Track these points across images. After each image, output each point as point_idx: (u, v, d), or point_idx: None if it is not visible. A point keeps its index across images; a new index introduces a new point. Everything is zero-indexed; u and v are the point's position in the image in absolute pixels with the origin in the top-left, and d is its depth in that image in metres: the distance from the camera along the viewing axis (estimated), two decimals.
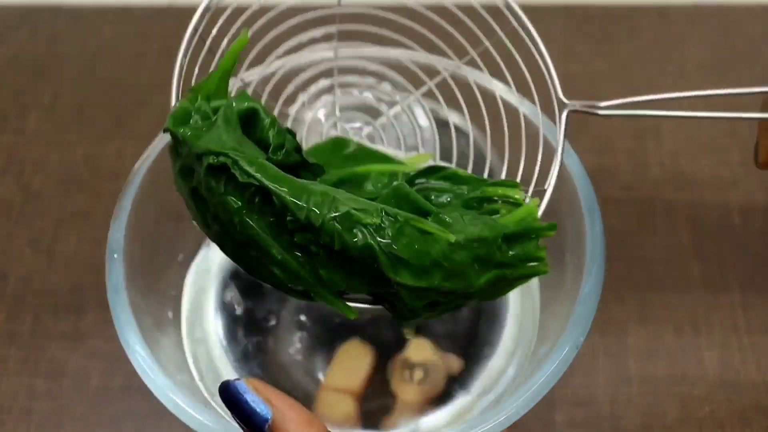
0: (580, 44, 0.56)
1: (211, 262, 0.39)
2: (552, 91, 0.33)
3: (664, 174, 0.50)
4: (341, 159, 0.32)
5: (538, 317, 0.36)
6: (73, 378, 0.43)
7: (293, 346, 0.38)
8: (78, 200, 0.49)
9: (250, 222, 0.26)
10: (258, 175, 0.26)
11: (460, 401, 0.36)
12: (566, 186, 0.34)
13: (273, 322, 0.38)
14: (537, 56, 0.32)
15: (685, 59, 0.55)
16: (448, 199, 0.30)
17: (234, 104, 0.28)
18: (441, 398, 0.37)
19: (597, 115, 0.33)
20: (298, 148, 0.30)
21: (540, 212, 0.30)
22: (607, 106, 0.33)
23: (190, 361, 0.35)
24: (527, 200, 0.30)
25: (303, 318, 0.39)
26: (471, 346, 0.38)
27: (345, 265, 0.27)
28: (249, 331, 0.38)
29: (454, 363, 0.37)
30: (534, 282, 0.37)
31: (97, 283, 0.46)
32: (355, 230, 0.26)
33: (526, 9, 0.33)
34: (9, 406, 0.43)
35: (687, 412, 0.41)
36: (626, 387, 0.42)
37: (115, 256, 0.32)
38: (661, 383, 0.42)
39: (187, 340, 0.36)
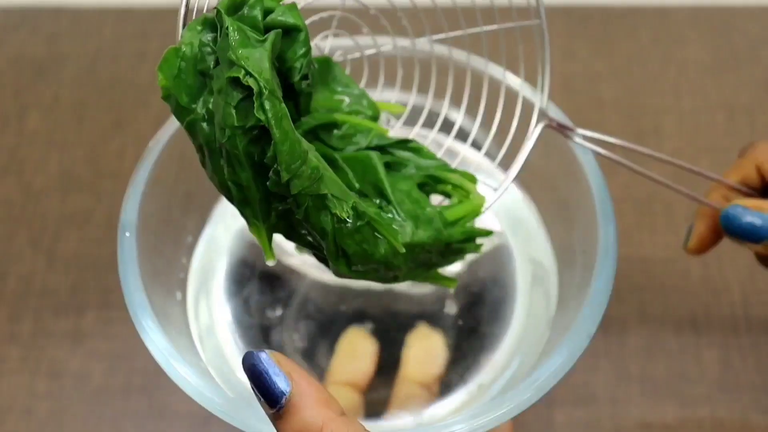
0: (580, 44, 0.55)
1: (219, 246, 0.39)
2: (539, 98, 0.32)
3: (664, 174, 0.50)
4: (323, 83, 0.32)
5: (553, 313, 0.36)
6: (73, 378, 0.43)
7: (299, 333, 0.38)
8: (78, 200, 0.49)
9: (238, 142, 0.26)
10: (272, 120, 0.25)
11: (464, 392, 0.36)
12: (580, 182, 0.34)
13: (279, 310, 0.39)
14: (539, 61, 0.32)
15: (685, 60, 0.55)
16: (408, 172, 0.31)
17: (282, 16, 0.28)
18: (445, 389, 0.37)
19: (569, 138, 0.33)
20: (312, 83, 0.30)
21: (486, 208, 0.31)
22: (583, 135, 0.32)
23: (196, 341, 0.35)
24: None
25: (310, 305, 0.39)
26: (477, 336, 0.38)
27: (295, 225, 0.28)
28: (255, 316, 0.38)
29: (459, 354, 0.38)
30: (552, 277, 0.37)
31: (97, 283, 0.46)
32: (321, 212, 0.27)
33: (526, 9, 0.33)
34: (9, 406, 0.43)
35: (687, 412, 0.41)
36: (626, 387, 0.42)
37: (128, 234, 0.32)
38: (661, 383, 0.42)
39: (194, 322, 0.36)
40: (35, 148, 0.51)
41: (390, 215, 0.29)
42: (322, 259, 0.29)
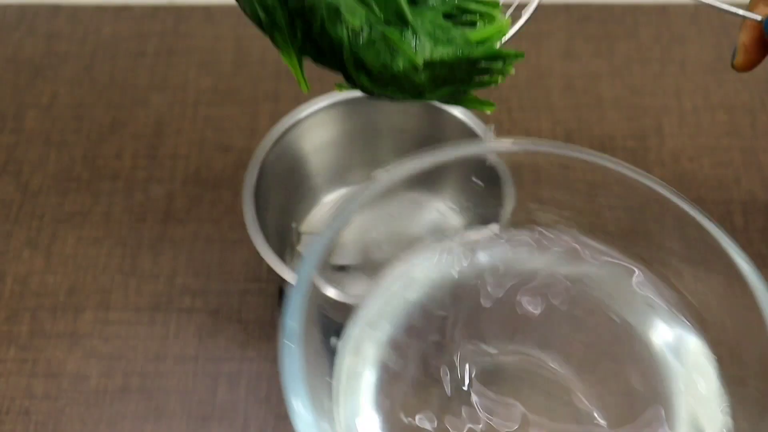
0: (580, 43, 0.55)
1: (362, 354, 0.34)
2: None
3: (665, 174, 0.49)
4: None
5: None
6: (71, 379, 0.43)
7: None
8: (77, 200, 0.49)
9: None
10: None
11: None
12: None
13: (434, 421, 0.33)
14: None
15: (686, 58, 0.55)
16: (434, 3, 0.30)
17: None
18: None
19: None
20: None
21: (510, 33, 0.30)
22: None
23: None
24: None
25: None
26: None
27: (318, 42, 0.29)
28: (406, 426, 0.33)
29: None
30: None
31: (95, 284, 0.46)
32: (337, 25, 0.28)
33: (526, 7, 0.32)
34: (7, 407, 0.42)
35: None
36: None
37: (293, 345, 0.29)
38: None
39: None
40: (33, 148, 0.51)
41: (407, 35, 0.29)
42: (350, 78, 0.30)
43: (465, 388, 0.32)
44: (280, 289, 0.45)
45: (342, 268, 0.42)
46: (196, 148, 0.50)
